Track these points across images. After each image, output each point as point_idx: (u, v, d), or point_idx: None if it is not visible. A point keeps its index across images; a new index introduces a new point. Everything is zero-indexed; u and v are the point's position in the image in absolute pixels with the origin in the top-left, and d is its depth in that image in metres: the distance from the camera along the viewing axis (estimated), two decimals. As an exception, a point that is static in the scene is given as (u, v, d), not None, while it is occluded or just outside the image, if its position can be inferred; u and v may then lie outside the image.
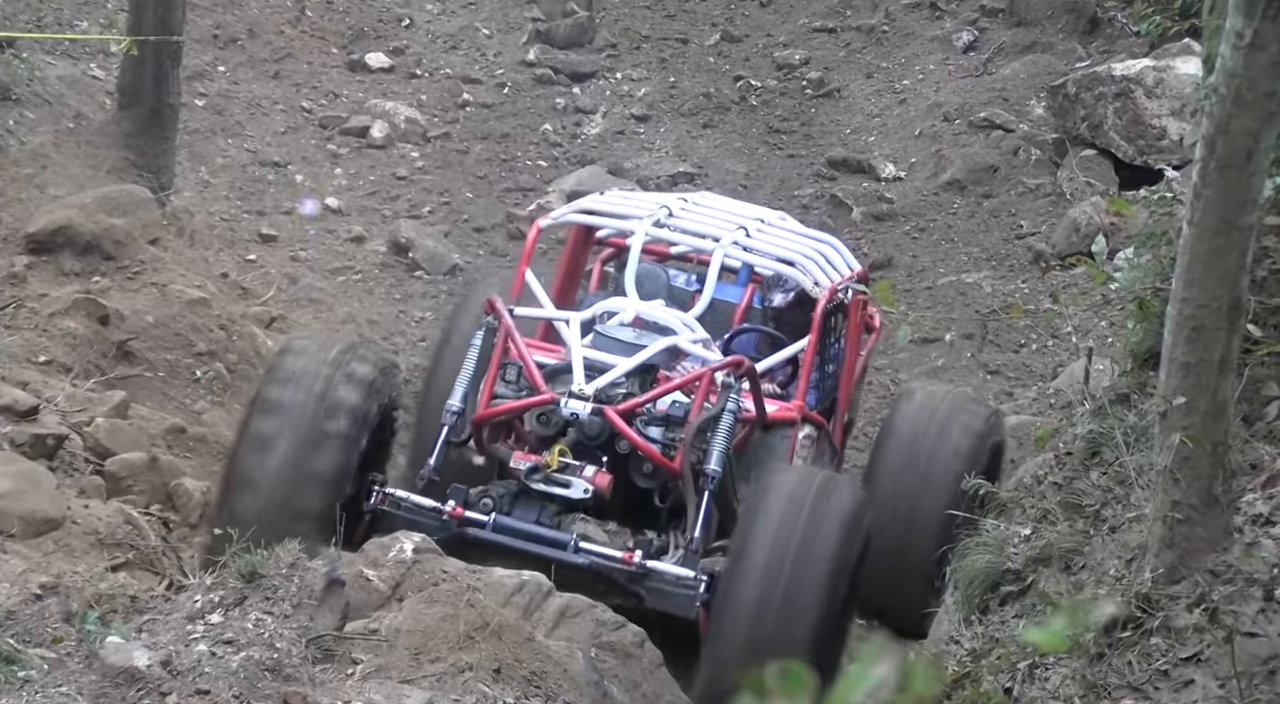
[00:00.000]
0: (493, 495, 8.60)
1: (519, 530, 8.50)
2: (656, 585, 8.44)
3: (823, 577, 8.08)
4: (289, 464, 8.42)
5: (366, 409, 8.65)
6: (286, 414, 8.53)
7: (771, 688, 1.78)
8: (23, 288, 10.96)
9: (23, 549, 8.35)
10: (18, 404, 9.32)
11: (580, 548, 8.43)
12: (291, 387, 8.61)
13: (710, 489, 8.59)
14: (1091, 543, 5.70)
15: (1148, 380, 5.93)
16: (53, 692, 6.00)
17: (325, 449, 8.48)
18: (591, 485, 8.54)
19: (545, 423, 8.69)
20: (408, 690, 6.79)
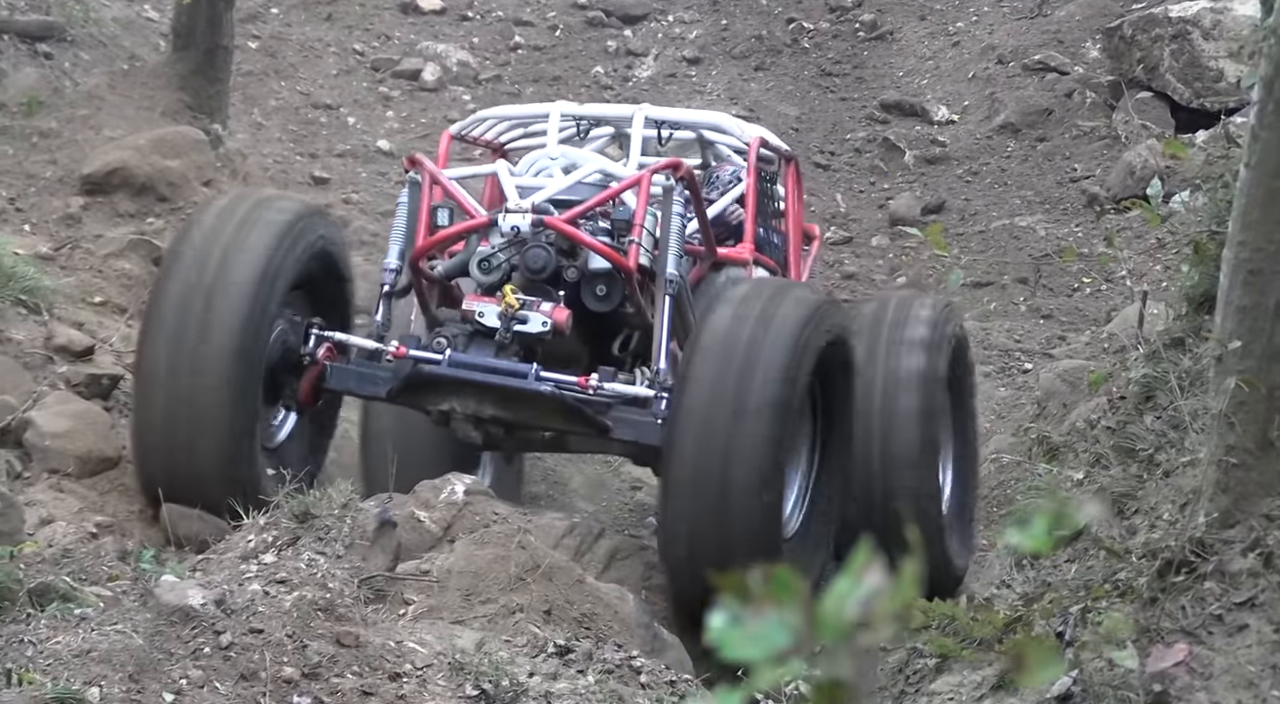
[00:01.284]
0: (446, 336, 8.37)
1: (476, 365, 8.26)
2: (621, 414, 8.18)
3: (774, 383, 7.84)
4: (193, 316, 8.20)
5: (275, 250, 8.40)
6: (187, 267, 8.32)
7: (756, 592, 1.70)
8: (78, 229, 11.01)
9: (79, 488, 8.41)
10: (73, 344, 9.37)
11: (540, 376, 8.20)
12: (190, 245, 8.42)
13: (670, 294, 8.35)
14: (1145, 487, 5.69)
15: (1203, 324, 5.90)
16: (108, 629, 6.05)
17: (227, 296, 8.23)
18: (549, 318, 8.29)
19: (487, 269, 8.40)
20: (459, 631, 6.82)
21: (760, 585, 1.68)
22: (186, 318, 8.23)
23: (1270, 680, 4.66)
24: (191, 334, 8.22)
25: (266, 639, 6.15)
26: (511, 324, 8.25)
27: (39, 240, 10.77)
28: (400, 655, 6.45)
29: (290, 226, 8.56)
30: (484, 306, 8.32)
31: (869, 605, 1.72)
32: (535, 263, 8.37)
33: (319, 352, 8.51)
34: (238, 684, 5.98)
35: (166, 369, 8.20)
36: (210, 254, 8.35)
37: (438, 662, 6.49)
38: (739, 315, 8.06)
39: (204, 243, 8.41)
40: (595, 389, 8.13)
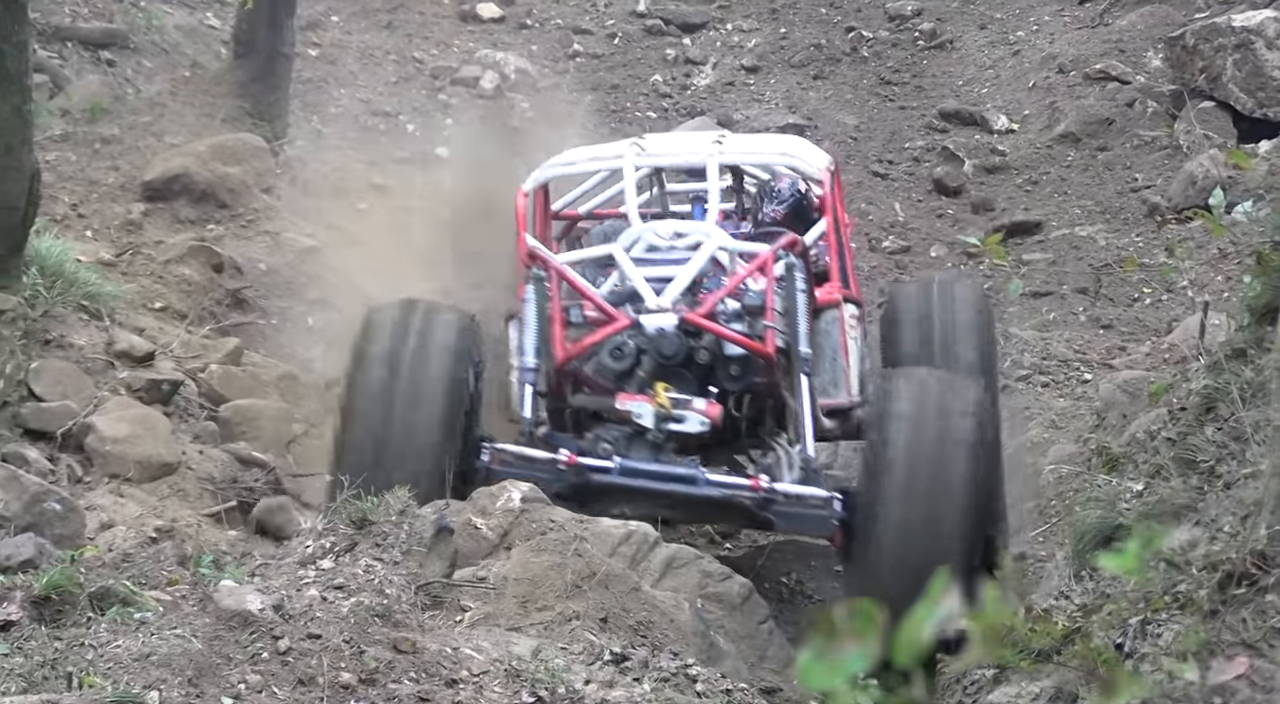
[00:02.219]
0: (607, 440, 8.49)
1: (645, 471, 8.34)
2: (786, 509, 8.30)
3: (964, 485, 7.90)
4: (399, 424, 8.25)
5: (463, 366, 8.44)
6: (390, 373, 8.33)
7: (842, 628, 1.76)
8: (139, 235, 11.07)
9: (139, 493, 8.46)
10: (134, 350, 9.43)
11: (709, 480, 8.29)
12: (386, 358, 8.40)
13: (805, 372, 8.48)
14: (1205, 499, 5.65)
15: (1265, 335, 5.86)
16: (168, 634, 6.08)
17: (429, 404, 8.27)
18: (706, 417, 8.40)
19: (619, 356, 8.50)
20: (515, 638, 6.83)
21: (845, 621, 1.75)
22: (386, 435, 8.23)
23: (1332, 694, 4.63)
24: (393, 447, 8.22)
25: (324, 645, 6.17)
26: (667, 425, 8.35)
27: (101, 246, 10.85)
28: (457, 662, 6.46)
29: (461, 342, 8.52)
30: (639, 407, 8.40)
31: (943, 630, 1.78)
32: (668, 349, 8.47)
33: (488, 461, 8.49)
34: (295, 689, 6.00)
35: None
36: (400, 367, 8.34)
37: (494, 668, 6.49)
38: (918, 422, 8.11)
39: (390, 356, 8.39)
40: (767, 490, 8.25)
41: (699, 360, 8.54)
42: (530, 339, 8.72)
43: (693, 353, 8.52)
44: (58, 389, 8.91)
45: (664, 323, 8.45)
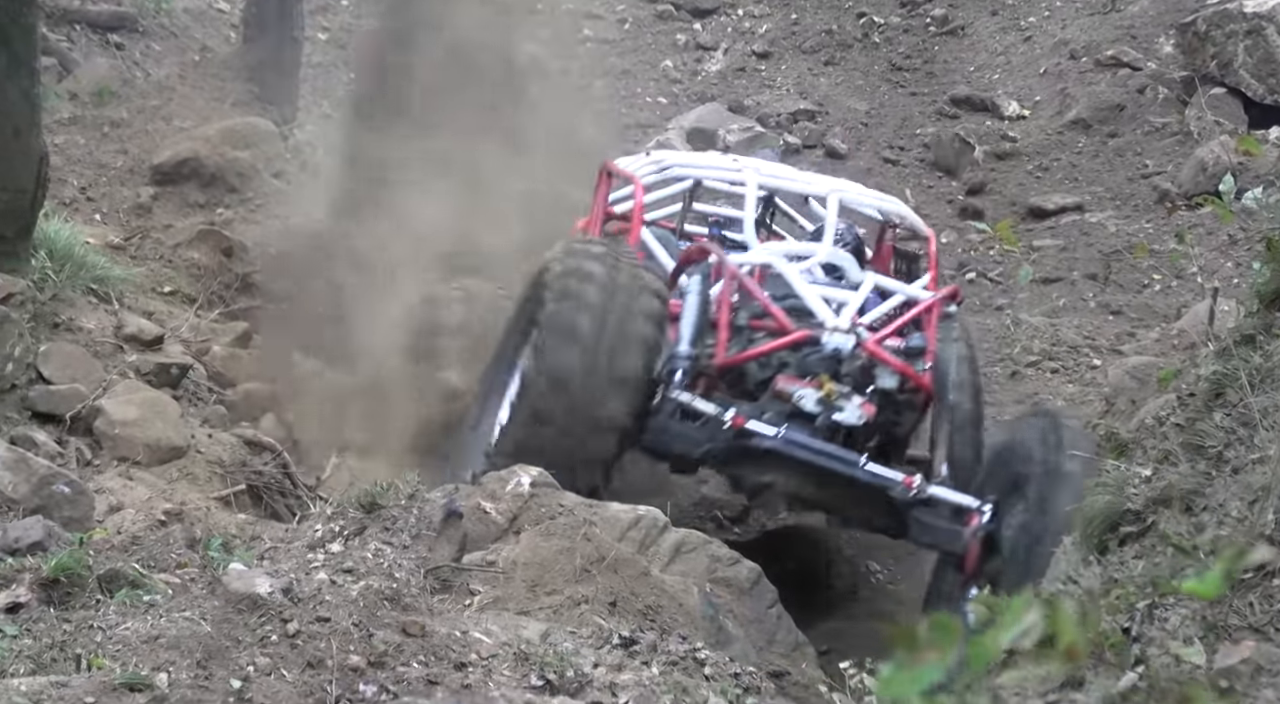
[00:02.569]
0: (770, 412, 8.57)
1: (809, 445, 8.47)
2: (925, 517, 8.45)
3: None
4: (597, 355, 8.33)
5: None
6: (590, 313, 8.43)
7: (923, 642, 1.79)
8: (148, 218, 11.09)
9: (148, 476, 8.48)
10: (143, 333, 9.44)
11: (867, 468, 8.44)
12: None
13: (949, 421, 8.68)
14: (1214, 484, 5.65)
15: (1274, 321, 5.85)
16: (176, 616, 6.09)
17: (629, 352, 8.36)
18: (863, 412, 8.54)
19: (800, 367, 8.68)
20: (524, 622, 6.84)
21: (926, 635, 1.78)
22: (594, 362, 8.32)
23: (1340, 679, 4.63)
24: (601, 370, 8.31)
25: (333, 628, 6.18)
26: (831, 412, 8.47)
27: (109, 230, 10.86)
28: (466, 645, 6.47)
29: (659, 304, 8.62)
30: (803, 391, 8.53)
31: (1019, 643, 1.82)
32: (842, 369, 8.61)
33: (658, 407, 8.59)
34: (304, 672, 6.02)
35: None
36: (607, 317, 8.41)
37: (503, 652, 6.51)
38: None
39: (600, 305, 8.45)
40: (919, 489, 8.39)
41: (864, 378, 8.69)
42: (688, 328, 8.81)
43: (840, 376, 8.66)
44: (66, 372, 8.92)
45: (843, 343, 8.64)
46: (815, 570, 9.96)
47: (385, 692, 6.05)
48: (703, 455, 8.55)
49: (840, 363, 8.66)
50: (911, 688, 1.80)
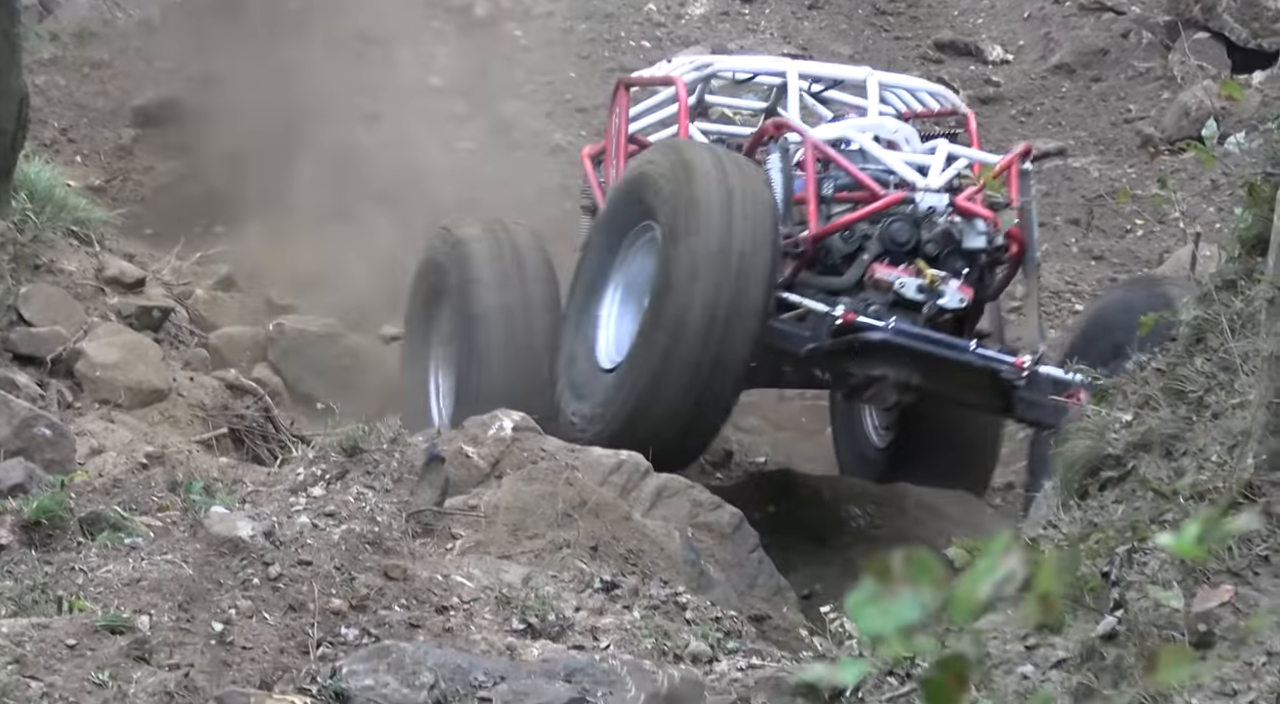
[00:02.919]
0: (874, 304, 8.54)
1: (919, 334, 8.47)
2: (1029, 394, 8.49)
3: None
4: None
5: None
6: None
7: (897, 573, 1.78)
8: (129, 160, 11.05)
9: (129, 419, 8.46)
10: (124, 276, 9.41)
11: (977, 351, 8.48)
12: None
13: (1037, 276, 8.78)
14: (1194, 429, 5.66)
15: (1255, 266, 5.85)
16: (158, 559, 6.10)
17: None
18: (963, 294, 8.54)
19: (895, 231, 8.62)
20: (506, 566, 6.85)
21: (901, 567, 1.77)
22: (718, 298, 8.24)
23: (1316, 623, 4.65)
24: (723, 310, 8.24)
25: (315, 571, 6.19)
26: (934, 298, 8.48)
27: (90, 172, 10.82)
28: (447, 589, 6.48)
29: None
30: (903, 279, 8.52)
31: (1001, 590, 1.81)
32: (919, 248, 8.58)
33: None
34: (286, 615, 6.02)
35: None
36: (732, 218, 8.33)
37: (484, 595, 6.52)
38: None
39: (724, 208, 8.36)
40: (1030, 370, 8.45)
41: (928, 252, 8.63)
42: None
43: (924, 244, 8.62)
44: (47, 314, 8.90)
45: (936, 202, 8.61)
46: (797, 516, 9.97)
47: (367, 635, 6.06)
48: (809, 353, 8.48)
49: (923, 227, 8.60)
50: (885, 623, 1.79)
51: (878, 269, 8.57)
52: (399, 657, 5.79)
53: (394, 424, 7.35)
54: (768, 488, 10.19)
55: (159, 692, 5.64)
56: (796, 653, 6.74)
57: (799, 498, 10.15)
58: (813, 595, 8.33)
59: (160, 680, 5.66)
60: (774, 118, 9.27)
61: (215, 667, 5.76)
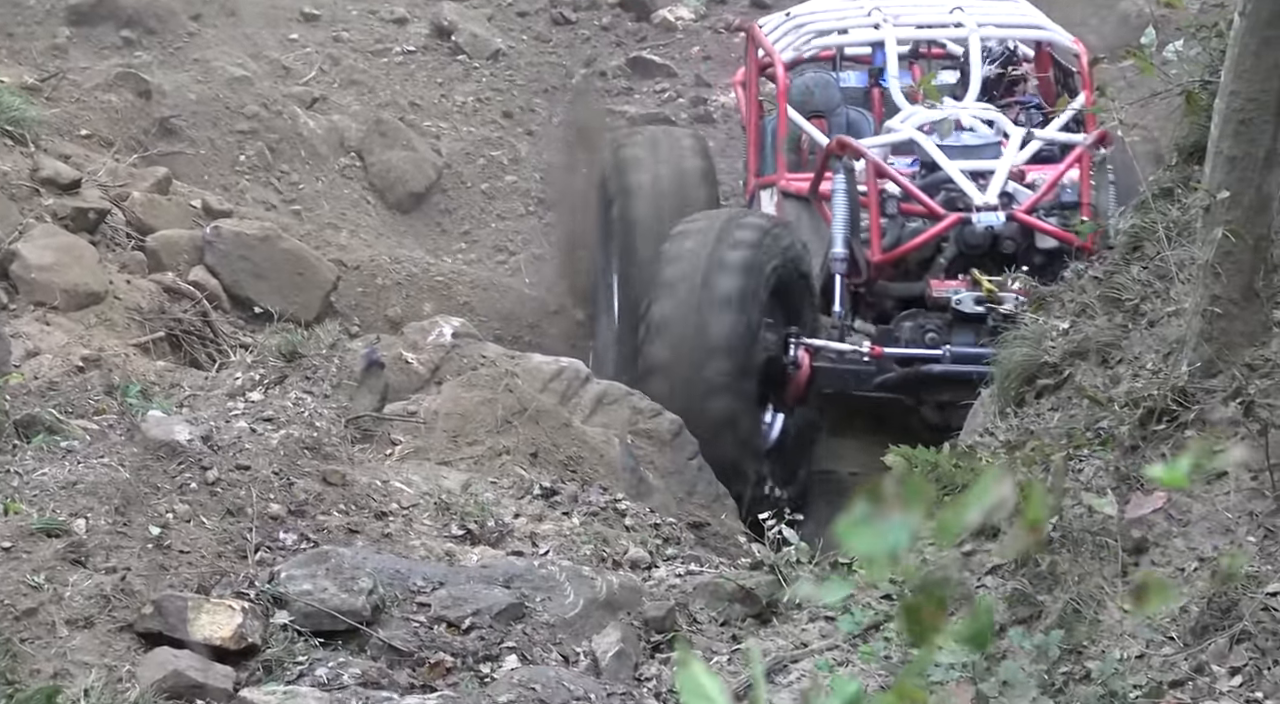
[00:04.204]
0: (931, 328, 8.63)
1: (978, 356, 8.33)
2: None
3: None
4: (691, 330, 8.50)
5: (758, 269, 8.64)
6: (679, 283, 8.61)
7: (888, 497, 1.81)
8: (64, 60, 10.93)
9: (65, 322, 8.40)
10: (59, 177, 9.32)
11: None
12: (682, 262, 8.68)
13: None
14: (1130, 337, 5.70)
15: (1192, 174, 5.88)
16: (94, 462, 6.08)
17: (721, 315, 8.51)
18: (1021, 297, 8.33)
19: (937, 248, 8.71)
20: (445, 472, 6.86)
21: (893, 491, 1.79)
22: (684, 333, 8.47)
23: (1246, 527, 4.71)
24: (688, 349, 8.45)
25: (253, 476, 6.18)
26: (994, 308, 8.36)
27: (24, 70, 10.69)
28: (386, 495, 6.48)
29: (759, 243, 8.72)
30: (959, 293, 8.56)
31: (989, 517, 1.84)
32: (975, 239, 8.62)
33: (799, 356, 8.71)
34: (224, 519, 6.02)
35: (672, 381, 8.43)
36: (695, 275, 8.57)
37: (424, 501, 6.53)
38: None
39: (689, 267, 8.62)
40: None
41: (1003, 250, 8.66)
42: (840, 228, 8.83)
43: (997, 244, 8.66)
44: (-19, 216, 8.82)
45: (993, 221, 8.60)
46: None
47: (305, 540, 6.06)
48: (878, 386, 8.63)
49: (971, 243, 8.63)
50: (872, 545, 1.82)
51: (934, 285, 8.66)
52: (337, 562, 5.80)
53: (333, 329, 7.33)
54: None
55: (95, 595, 5.63)
56: (734, 560, 6.78)
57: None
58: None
59: (97, 584, 5.66)
60: (838, 137, 9.24)
61: (152, 570, 5.75)
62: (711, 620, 6.03)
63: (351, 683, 5.49)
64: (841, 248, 8.79)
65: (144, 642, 5.58)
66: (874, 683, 5.03)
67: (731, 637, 5.93)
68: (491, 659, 5.70)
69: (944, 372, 8.46)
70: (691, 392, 8.36)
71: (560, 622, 5.88)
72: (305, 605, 5.69)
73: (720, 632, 5.96)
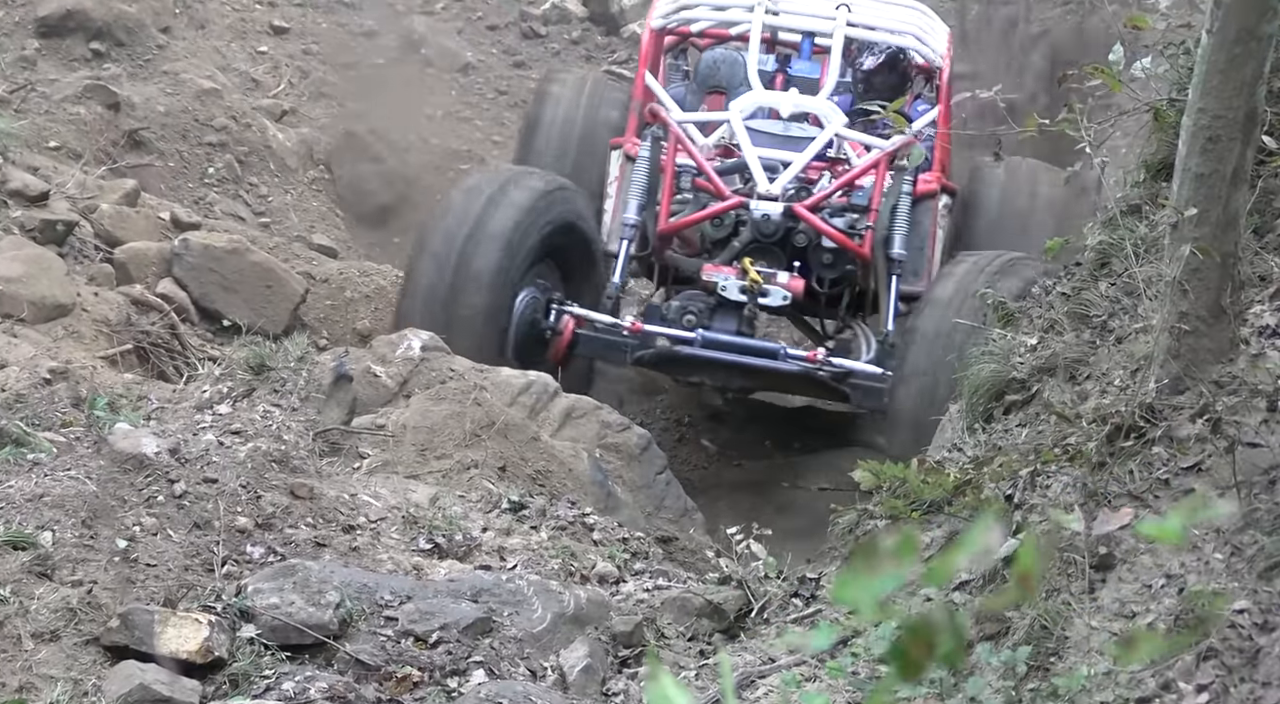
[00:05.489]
0: (692, 310, 8.74)
1: (728, 343, 8.64)
2: (858, 382, 8.69)
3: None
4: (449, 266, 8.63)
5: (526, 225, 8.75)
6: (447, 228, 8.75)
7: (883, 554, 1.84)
8: (33, 72, 10.90)
9: (32, 334, 8.37)
10: (28, 189, 9.29)
11: (790, 355, 8.66)
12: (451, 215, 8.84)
13: (897, 274, 8.84)
14: (1097, 353, 5.71)
15: (1160, 191, 5.90)
16: (61, 475, 6.06)
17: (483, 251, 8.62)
18: (788, 291, 8.72)
19: (719, 225, 8.84)
20: (413, 485, 6.85)
21: (888, 548, 1.83)
22: (438, 286, 8.65)
23: (1214, 544, 4.72)
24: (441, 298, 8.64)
25: (220, 489, 6.16)
26: (755, 298, 8.66)
27: (-8, 83, 10.67)
28: (354, 508, 6.47)
29: (534, 204, 8.85)
30: (726, 279, 8.71)
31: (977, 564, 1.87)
32: (767, 228, 8.77)
33: (561, 323, 8.88)
34: (191, 532, 6.00)
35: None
36: (460, 232, 8.72)
37: (391, 515, 6.52)
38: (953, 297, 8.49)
39: (455, 222, 8.77)
40: (823, 363, 8.65)
41: (795, 243, 8.83)
42: (635, 195, 9.02)
43: (790, 235, 8.80)
44: (-51, 228, 8.79)
45: (771, 210, 8.73)
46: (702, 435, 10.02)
47: (273, 553, 6.05)
48: (635, 361, 8.80)
49: (756, 228, 8.76)
50: (865, 596, 1.85)
51: (707, 269, 8.78)
52: (305, 575, 5.79)
53: (301, 342, 7.32)
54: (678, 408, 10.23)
55: (62, 608, 5.62)
56: (703, 574, 6.78)
57: (707, 419, 10.20)
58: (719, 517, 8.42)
59: (63, 597, 5.64)
60: (650, 106, 9.41)
61: (119, 584, 5.74)
62: (679, 635, 6.03)
63: (318, 697, 5.48)
64: (633, 216, 8.98)
65: (110, 655, 5.56)
66: (841, 699, 5.04)
67: (699, 652, 5.93)
68: (459, 673, 5.69)
69: (691, 354, 8.56)
70: (447, 319, 8.51)
71: (528, 636, 5.87)
72: (272, 619, 5.68)
73: (688, 647, 5.96)
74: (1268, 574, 4.59)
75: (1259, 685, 4.37)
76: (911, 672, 1.81)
